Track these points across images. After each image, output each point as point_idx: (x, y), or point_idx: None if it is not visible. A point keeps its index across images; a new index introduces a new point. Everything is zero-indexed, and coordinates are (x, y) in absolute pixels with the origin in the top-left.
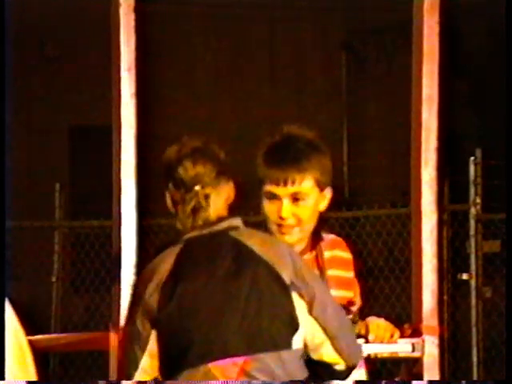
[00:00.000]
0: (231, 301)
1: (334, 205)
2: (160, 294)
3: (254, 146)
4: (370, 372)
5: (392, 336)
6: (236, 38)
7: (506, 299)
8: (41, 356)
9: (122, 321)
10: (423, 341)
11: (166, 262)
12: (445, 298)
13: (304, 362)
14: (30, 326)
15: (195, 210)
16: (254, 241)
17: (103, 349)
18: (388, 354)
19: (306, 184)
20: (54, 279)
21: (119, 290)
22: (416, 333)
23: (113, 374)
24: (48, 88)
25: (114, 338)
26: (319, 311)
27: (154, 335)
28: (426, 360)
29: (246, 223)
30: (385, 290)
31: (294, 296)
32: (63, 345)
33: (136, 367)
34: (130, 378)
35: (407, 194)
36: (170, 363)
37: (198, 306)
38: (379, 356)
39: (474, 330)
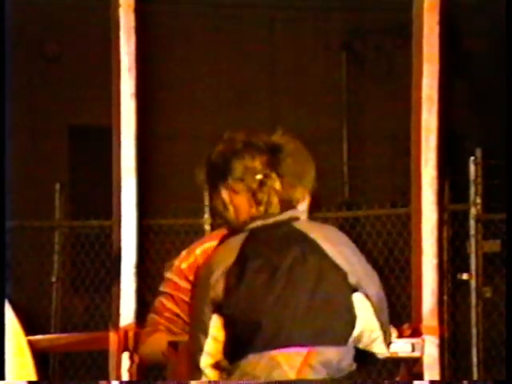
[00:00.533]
0: (297, 292)
1: (334, 205)
2: (226, 281)
3: None
4: (370, 372)
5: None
6: (236, 38)
7: (506, 299)
8: (41, 356)
9: (122, 321)
10: (423, 341)
11: (231, 250)
12: (445, 298)
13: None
14: (30, 325)
15: (264, 201)
16: (317, 234)
17: (103, 349)
18: (388, 354)
19: None
20: (53, 279)
21: (119, 290)
22: (416, 333)
23: (112, 374)
24: (48, 88)
25: (113, 338)
26: (379, 311)
27: (216, 319)
28: (425, 360)
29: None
30: (385, 290)
31: (359, 296)
32: (63, 345)
33: (200, 351)
34: (196, 362)
35: (407, 194)
36: (236, 347)
37: (266, 294)
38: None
39: (473, 330)
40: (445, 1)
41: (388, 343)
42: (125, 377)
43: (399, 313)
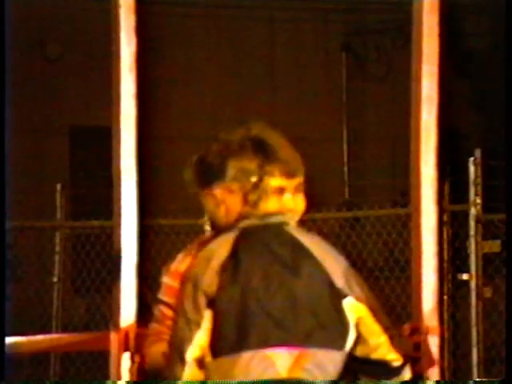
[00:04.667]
0: (289, 293)
1: (335, 205)
2: (220, 276)
3: None
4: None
5: None
6: (236, 38)
7: (506, 299)
8: (41, 356)
9: (123, 321)
10: (423, 341)
11: (222, 247)
12: (445, 297)
13: (350, 364)
14: (31, 325)
15: (258, 201)
16: (306, 239)
17: (103, 349)
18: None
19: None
20: (54, 279)
21: (120, 290)
22: (416, 333)
23: (113, 374)
24: (48, 88)
25: (114, 339)
26: (376, 313)
27: (208, 313)
28: (426, 360)
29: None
30: (385, 290)
31: (351, 300)
32: (63, 345)
33: (188, 341)
34: (181, 353)
35: (407, 194)
36: (226, 343)
37: (259, 292)
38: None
39: (473, 330)
40: (444, 1)
41: (398, 348)
42: (125, 377)
43: (399, 313)
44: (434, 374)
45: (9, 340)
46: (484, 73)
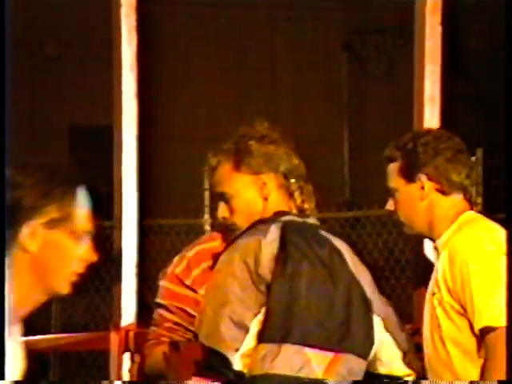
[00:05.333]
0: (329, 297)
1: (335, 205)
2: (276, 261)
3: None
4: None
5: None
6: (236, 38)
7: (506, 299)
8: (41, 356)
9: (123, 321)
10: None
11: (273, 233)
12: None
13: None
14: (30, 326)
15: (298, 200)
16: (339, 243)
17: (103, 349)
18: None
19: None
20: None
21: (120, 290)
22: (416, 333)
23: (113, 374)
24: (48, 87)
25: (114, 338)
26: (393, 327)
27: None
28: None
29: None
30: (385, 291)
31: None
32: (63, 345)
33: (252, 314)
34: (246, 323)
35: None
36: (272, 331)
37: (304, 290)
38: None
39: None
40: (447, 1)
41: (411, 366)
42: (125, 377)
43: (400, 313)
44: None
45: None
46: (486, 72)
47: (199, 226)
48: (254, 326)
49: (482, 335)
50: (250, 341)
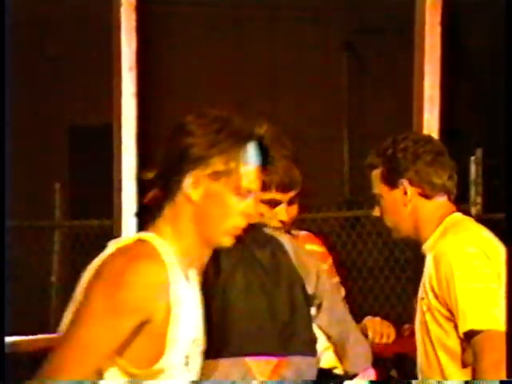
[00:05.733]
0: (269, 300)
1: (335, 204)
2: (203, 281)
3: None
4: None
5: (389, 334)
6: (236, 38)
7: (506, 299)
8: (41, 356)
9: None
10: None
11: None
12: None
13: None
14: (30, 325)
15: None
16: (284, 242)
17: None
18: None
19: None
20: (53, 279)
21: None
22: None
23: None
24: (48, 88)
25: None
26: (325, 319)
27: None
28: None
29: None
30: (385, 290)
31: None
32: None
33: None
34: None
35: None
36: (208, 347)
37: (239, 298)
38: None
39: None
40: (446, 1)
41: (340, 359)
42: None
43: (400, 313)
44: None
45: (8, 340)
46: (486, 72)
47: None
48: None
49: (467, 339)
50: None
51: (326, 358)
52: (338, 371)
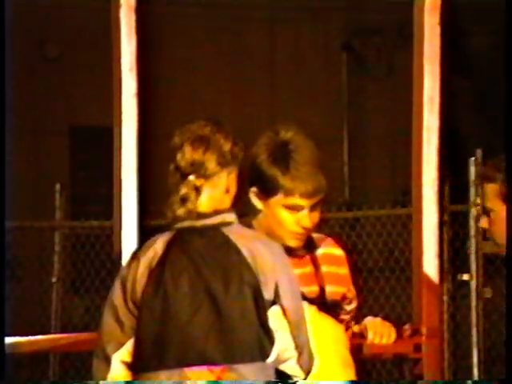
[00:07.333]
0: (215, 307)
1: (335, 205)
2: (147, 281)
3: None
4: (370, 372)
5: (389, 335)
6: (236, 38)
7: (506, 299)
8: (41, 356)
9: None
10: (424, 341)
11: (155, 248)
12: (445, 298)
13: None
14: (30, 326)
15: (183, 200)
16: (243, 241)
17: None
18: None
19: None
20: (54, 280)
21: None
22: (416, 333)
23: None
24: (48, 88)
25: None
26: (295, 328)
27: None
28: (426, 360)
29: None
30: (385, 291)
31: (276, 311)
32: (63, 345)
33: (114, 342)
34: (106, 352)
35: (408, 195)
36: (146, 360)
37: (181, 305)
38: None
39: (474, 330)
40: (446, 1)
41: (306, 367)
42: None
43: (400, 313)
44: (434, 374)
45: (8, 340)
46: (485, 73)
47: None
48: (119, 357)
49: None
50: (116, 372)
51: (292, 365)
52: (298, 379)
